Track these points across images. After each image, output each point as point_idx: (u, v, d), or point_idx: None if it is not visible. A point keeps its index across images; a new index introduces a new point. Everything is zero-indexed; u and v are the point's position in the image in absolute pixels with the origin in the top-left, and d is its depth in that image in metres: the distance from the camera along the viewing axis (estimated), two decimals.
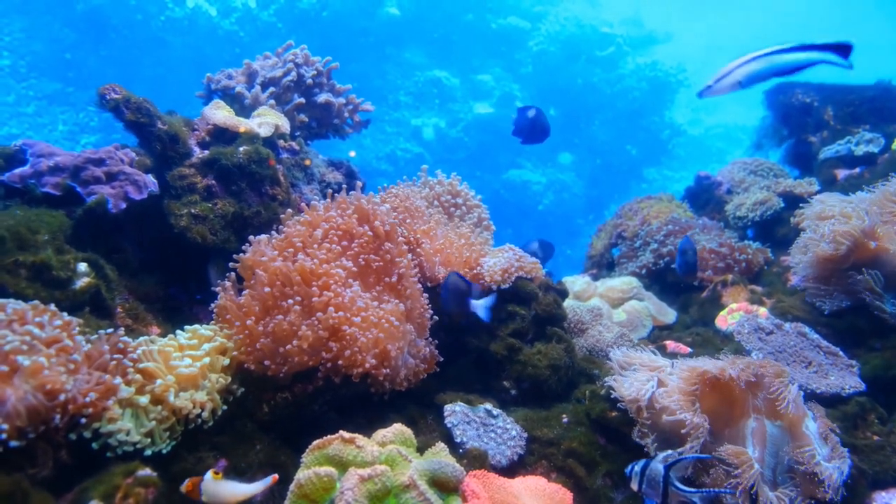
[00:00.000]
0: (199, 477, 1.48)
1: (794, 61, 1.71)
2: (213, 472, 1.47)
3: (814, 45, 1.66)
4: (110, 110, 2.33)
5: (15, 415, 1.33)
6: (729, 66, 1.77)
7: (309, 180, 2.96)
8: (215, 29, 12.81)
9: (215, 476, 1.46)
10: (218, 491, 1.46)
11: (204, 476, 1.47)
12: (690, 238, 2.90)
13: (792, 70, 1.75)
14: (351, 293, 1.92)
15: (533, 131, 2.69)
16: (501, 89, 14.46)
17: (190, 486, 1.47)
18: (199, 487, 1.46)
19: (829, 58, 1.65)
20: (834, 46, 1.62)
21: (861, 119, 3.93)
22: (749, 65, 1.76)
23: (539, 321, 2.40)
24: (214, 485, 1.46)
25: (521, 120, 2.70)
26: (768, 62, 1.74)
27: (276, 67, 3.09)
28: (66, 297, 1.84)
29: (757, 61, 1.75)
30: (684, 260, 2.74)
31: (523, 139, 2.74)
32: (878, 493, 1.86)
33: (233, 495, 1.47)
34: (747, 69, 1.77)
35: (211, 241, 2.31)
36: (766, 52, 1.74)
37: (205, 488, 1.46)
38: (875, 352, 2.41)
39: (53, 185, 2.15)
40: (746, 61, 1.76)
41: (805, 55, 1.69)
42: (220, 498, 1.46)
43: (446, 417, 1.90)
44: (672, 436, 1.77)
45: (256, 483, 1.48)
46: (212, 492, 1.46)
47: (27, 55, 12.06)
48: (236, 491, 1.47)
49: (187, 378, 1.70)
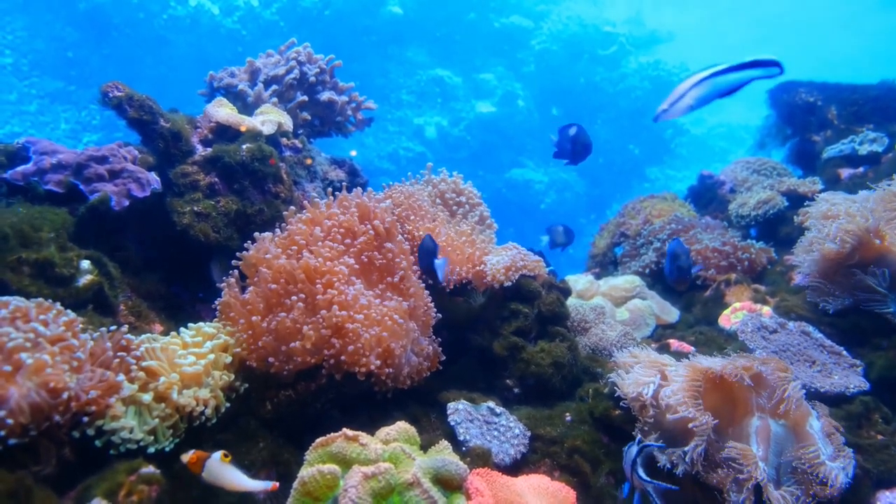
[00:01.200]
0: (207, 453, 1.47)
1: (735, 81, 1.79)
2: (223, 453, 1.46)
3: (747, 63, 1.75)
4: (113, 108, 2.33)
5: (18, 412, 1.33)
6: (678, 91, 1.83)
7: (312, 178, 2.96)
8: (218, 27, 12.82)
9: (224, 459, 1.45)
10: (222, 473, 1.44)
11: (212, 454, 1.46)
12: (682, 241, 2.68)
13: (733, 89, 1.82)
14: (354, 291, 1.92)
15: (575, 150, 2.56)
16: (504, 88, 14.45)
17: (195, 458, 1.45)
18: (204, 463, 1.44)
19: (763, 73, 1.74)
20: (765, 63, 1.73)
21: (865, 118, 3.92)
22: (697, 88, 1.82)
23: (542, 320, 2.39)
24: (220, 466, 1.44)
25: (563, 139, 2.56)
26: (712, 84, 1.81)
27: (278, 65, 3.09)
28: (69, 295, 1.84)
29: (702, 84, 1.81)
30: (676, 265, 2.50)
31: (569, 160, 2.60)
32: (883, 492, 1.86)
33: (232, 483, 1.45)
34: (696, 93, 1.83)
35: (214, 238, 2.31)
36: (709, 75, 1.81)
37: (209, 466, 1.44)
38: (880, 351, 2.40)
39: (56, 183, 2.15)
40: (693, 85, 1.82)
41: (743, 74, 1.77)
42: (220, 481, 1.44)
43: (449, 415, 1.90)
44: (676, 434, 1.77)
45: (258, 482, 1.47)
46: (216, 472, 1.44)
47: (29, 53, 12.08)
48: (237, 481, 1.45)
49: (191, 376, 1.70)
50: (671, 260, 2.51)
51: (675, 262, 2.47)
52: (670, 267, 2.53)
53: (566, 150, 2.53)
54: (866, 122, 3.89)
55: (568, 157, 2.57)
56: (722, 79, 1.79)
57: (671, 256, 2.51)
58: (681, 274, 2.48)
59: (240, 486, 1.46)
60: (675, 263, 2.47)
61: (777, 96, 4.41)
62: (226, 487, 1.46)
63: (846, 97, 4.05)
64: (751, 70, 1.76)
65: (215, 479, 1.45)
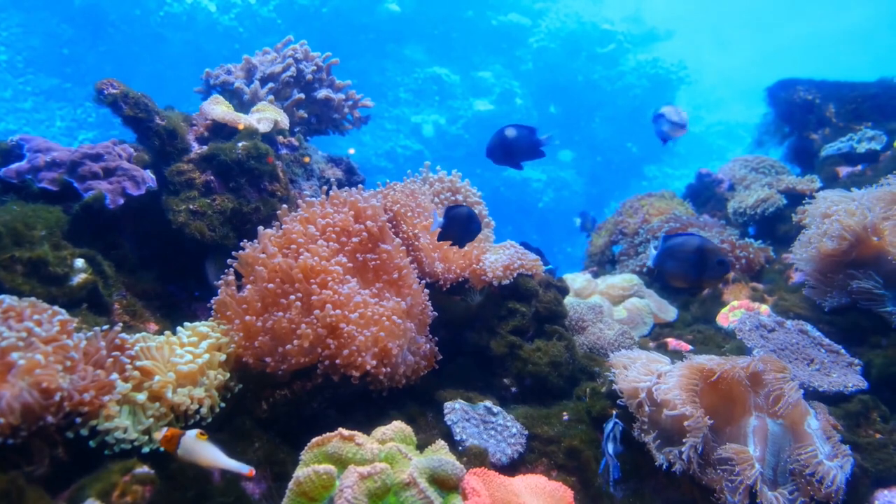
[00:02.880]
0: (181, 430, 1.45)
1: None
2: (199, 431, 1.44)
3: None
4: (108, 105, 2.31)
5: (9, 412, 1.31)
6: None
7: (308, 176, 2.95)
8: (214, 24, 12.79)
9: (200, 436, 1.43)
10: (196, 450, 1.42)
11: (187, 431, 1.44)
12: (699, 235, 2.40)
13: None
14: (348, 289, 1.90)
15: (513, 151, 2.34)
16: (502, 86, 14.45)
17: (169, 434, 1.44)
18: (179, 440, 1.43)
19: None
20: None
21: (863, 116, 3.92)
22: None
23: (540, 318, 2.38)
24: (195, 443, 1.42)
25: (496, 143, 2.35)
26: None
27: (275, 63, 3.07)
28: (62, 294, 1.83)
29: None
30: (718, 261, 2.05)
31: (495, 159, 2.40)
32: (881, 491, 1.85)
33: (207, 460, 1.43)
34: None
35: (209, 237, 2.30)
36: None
37: (184, 443, 1.42)
38: (878, 349, 2.39)
39: (50, 181, 2.13)
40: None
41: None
42: (195, 457, 1.43)
43: (446, 415, 1.89)
44: (673, 433, 1.76)
45: (234, 461, 1.44)
46: (190, 448, 1.42)
47: (24, 50, 12.03)
48: (212, 457, 1.43)
49: (186, 375, 1.69)
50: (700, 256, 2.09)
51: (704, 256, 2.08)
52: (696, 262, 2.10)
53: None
54: (865, 120, 3.89)
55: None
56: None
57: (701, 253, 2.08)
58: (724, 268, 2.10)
59: (215, 463, 1.43)
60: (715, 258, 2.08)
61: (776, 94, 4.41)
62: (201, 464, 1.44)
63: (845, 95, 4.05)
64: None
65: (191, 457, 1.43)
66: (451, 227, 2.11)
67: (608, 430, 1.67)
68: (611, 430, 1.66)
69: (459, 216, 2.10)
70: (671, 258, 2.01)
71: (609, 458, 1.61)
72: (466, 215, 2.12)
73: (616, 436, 1.65)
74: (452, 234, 2.14)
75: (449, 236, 2.15)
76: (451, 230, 2.12)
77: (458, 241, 2.18)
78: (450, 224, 2.11)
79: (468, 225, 2.13)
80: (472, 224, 2.14)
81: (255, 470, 1.66)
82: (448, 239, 2.17)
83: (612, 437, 1.64)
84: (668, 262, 2.02)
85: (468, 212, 2.13)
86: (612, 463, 1.61)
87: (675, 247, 2.01)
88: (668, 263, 2.02)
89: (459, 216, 2.10)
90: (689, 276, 2.01)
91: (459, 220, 2.10)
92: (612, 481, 1.62)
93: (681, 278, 2.05)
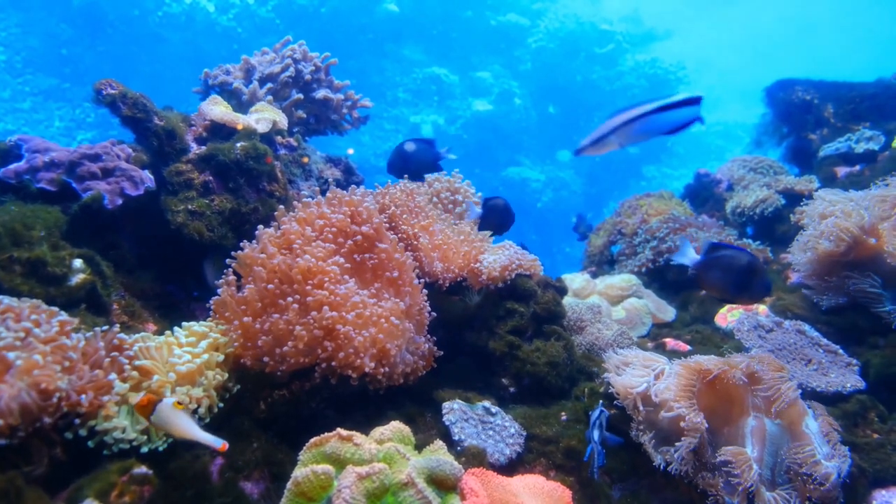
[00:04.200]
0: (158, 396, 1.44)
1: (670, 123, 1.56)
2: (176, 401, 1.43)
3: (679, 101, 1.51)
4: (107, 106, 2.31)
5: (7, 413, 1.31)
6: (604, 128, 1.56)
7: (307, 177, 2.95)
8: (213, 25, 12.78)
9: (177, 406, 1.42)
10: (171, 419, 1.41)
11: (165, 399, 1.43)
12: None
13: (680, 128, 1.60)
14: (345, 289, 1.90)
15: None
16: (500, 86, 14.45)
17: (145, 400, 1.42)
18: (155, 406, 1.41)
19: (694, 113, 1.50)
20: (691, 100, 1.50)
21: (861, 116, 3.92)
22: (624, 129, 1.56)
23: (538, 319, 2.39)
24: (171, 412, 1.41)
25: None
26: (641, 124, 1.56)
27: (273, 63, 3.08)
28: (61, 294, 1.83)
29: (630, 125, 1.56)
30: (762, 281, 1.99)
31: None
32: (879, 491, 1.86)
33: (181, 430, 1.41)
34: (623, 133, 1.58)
35: (208, 237, 2.30)
36: (638, 115, 1.56)
37: (160, 410, 1.41)
38: (876, 349, 2.40)
39: (49, 181, 2.13)
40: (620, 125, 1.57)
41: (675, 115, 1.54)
42: (169, 426, 1.41)
43: (444, 415, 1.89)
44: (670, 433, 1.76)
45: (209, 435, 1.43)
46: (165, 417, 1.41)
47: (23, 51, 12.02)
48: (186, 428, 1.41)
49: (185, 375, 1.69)
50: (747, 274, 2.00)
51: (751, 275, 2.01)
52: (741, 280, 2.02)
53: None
54: (863, 121, 3.90)
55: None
56: (657, 118, 1.54)
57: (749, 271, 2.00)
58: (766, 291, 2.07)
59: (189, 434, 1.41)
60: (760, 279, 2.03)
61: (774, 94, 4.42)
62: (175, 434, 1.43)
63: (843, 95, 4.06)
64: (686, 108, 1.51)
65: (165, 425, 1.41)
66: (489, 216, 2.24)
67: (594, 417, 1.70)
68: (596, 417, 1.69)
69: (497, 207, 2.30)
70: (717, 269, 2.01)
71: (594, 445, 1.64)
72: (503, 206, 2.32)
73: (602, 423, 1.68)
74: (491, 223, 2.26)
75: (488, 225, 2.29)
76: (490, 219, 2.24)
77: (497, 229, 2.34)
78: (488, 214, 2.26)
79: (504, 214, 2.32)
80: (508, 214, 2.34)
81: (254, 470, 1.67)
82: (487, 228, 2.35)
83: (599, 425, 1.67)
84: (713, 271, 2.01)
85: (504, 202, 2.32)
86: (596, 450, 1.64)
87: (723, 258, 2.01)
88: (714, 273, 2.01)
89: (497, 207, 2.30)
90: (729, 290, 2.02)
91: (497, 210, 2.29)
92: (596, 469, 1.65)
93: (720, 290, 2.06)
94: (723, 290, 2.03)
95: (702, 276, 2.04)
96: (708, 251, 2.02)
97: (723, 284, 2.00)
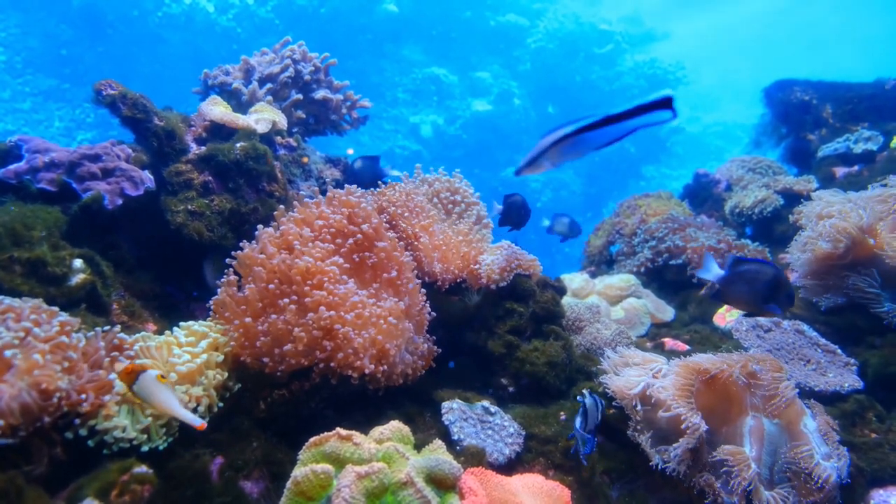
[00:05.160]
0: (143, 366, 1.42)
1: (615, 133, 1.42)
2: (160, 374, 1.42)
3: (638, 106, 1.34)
4: (106, 106, 2.32)
5: (8, 413, 1.32)
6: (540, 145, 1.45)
7: (307, 177, 2.95)
8: (212, 25, 12.78)
9: (160, 378, 1.41)
10: (152, 391, 1.40)
11: (149, 370, 1.42)
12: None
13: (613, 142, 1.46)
14: (345, 289, 1.91)
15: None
16: (500, 87, 14.45)
17: (130, 367, 1.42)
18: (138, 376, 1.40)
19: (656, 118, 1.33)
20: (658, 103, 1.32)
21: (860, 117, 3.93)
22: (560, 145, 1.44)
23: (537, 318, 2.39)
24: (153, 383, 1.40)
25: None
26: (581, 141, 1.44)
27: (273, 64, 3.08)
28: (61, 294, 1.83)
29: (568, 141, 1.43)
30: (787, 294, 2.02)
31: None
32: (876, 490, 1.86)
33: (161, 403, 1.40)
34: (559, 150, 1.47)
35: (207, 237, 2.30)
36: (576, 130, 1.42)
37: (142, 381, 1.40)
38: (874, 349, 2.40)
39: (49, 181, 2.13)
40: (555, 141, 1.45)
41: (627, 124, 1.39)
42: (150, 398, 1.41)
43: (444, 415, 1.90)
44: (669, 433, 1.77)
45: (188, 412, 1.42)
46: (146, 388, 1.40)
47: (23, 51, 12.02)
48: (166, 402, 1.40)
49: (185, 375, 1.69)
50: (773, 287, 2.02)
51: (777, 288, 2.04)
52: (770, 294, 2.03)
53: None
54: (861, 121, 3.91)
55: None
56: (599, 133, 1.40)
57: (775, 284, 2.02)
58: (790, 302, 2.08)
59: (168, 409, 1.41)
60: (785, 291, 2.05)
61: (772, 95, 4.42)
62: (154, 406, 1.42)
63: (841, 96, 4.06)
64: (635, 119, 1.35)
65: (146, 396, 1.41)
66: (509, 212, 2.50)
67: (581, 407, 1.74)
68: (582, 406, 1.73)
69: (516, 203, 2.52)
70: (743, 282, 2.03)
71: (577, 433, 1.69)
72: (521, 202, 2.54)
73: (586, 410, 1.71)
74: (511, 219, 2.52)
75: (508, 221, 2.53)
76: (510, 215, 2.49)
77: (517, 224, 2.55)
78: (508, 209, 2.51)
79: (522, 210, 2.54)
80: (525, 209, 2.57)
81: (253, 470, 1.68)
82: (508, 223, 2.56)
83: (582, 413, 1.71)
84: (739, 285, 2.04)
85: (522, 199, 2.55)
86: (578, 436, 1.69)
87: (748, 273, 2.03)
88: (740, 287, 2.04)
89: (516, 203, 2.52)
90: (756, 303, 2.04)
91: (516, 206, 2.50)
92: (583, 456, 1.73)
93: (747, 304, 2.08)
94: (748, 302, 2.06)
95: (726, 290, 2.07)
96: (732, 265, 2.04)
97: (748, 297, 2.03)
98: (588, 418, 1.71)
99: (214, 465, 1.63)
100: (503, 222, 2.50)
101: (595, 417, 1.73)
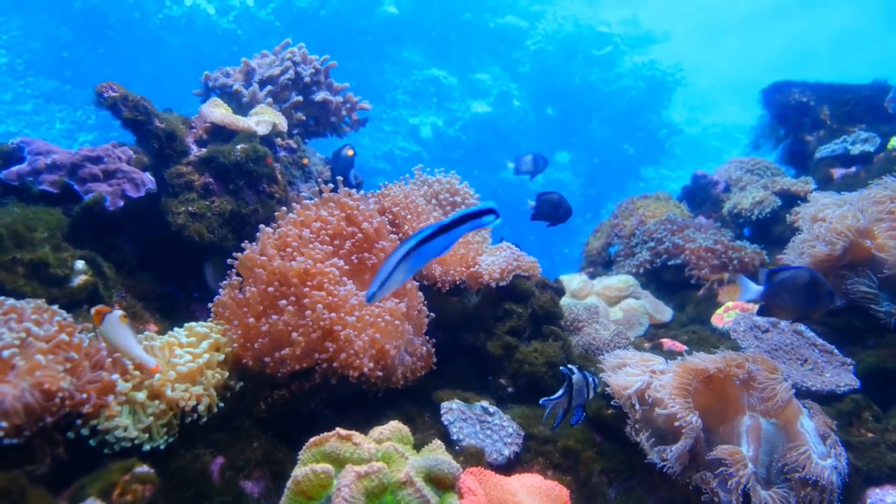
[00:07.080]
0: (111, 308, 1.46)
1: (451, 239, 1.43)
2: (122, 314, 1.45)
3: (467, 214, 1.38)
4: (108, 108, 2.33)
5: (13, 413, 1.33)
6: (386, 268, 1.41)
7: (307, 178, 2.96)
8: (213, 27, 12.79)
9: (123, 319, 1.43)
10: (115, 331, 1.44)
11: (114, 310, 1.45)
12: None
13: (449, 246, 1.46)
14: (345, 291, 1.92)
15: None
16: (499, 88, 14.46)
17: (100, 308, 1.47)
18: (104, 317, 1.44)
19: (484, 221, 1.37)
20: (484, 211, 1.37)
21: (857, 118, 3.95)
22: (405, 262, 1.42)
23: (536, 319, 2.40)
24: (116, 324, 1.43)
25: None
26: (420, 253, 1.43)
27: (273, 66, 3.09)
28: (63, 295, 1.84)
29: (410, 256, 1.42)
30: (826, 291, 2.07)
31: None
32: (873, 489, 1.87)
33: (120, 344, 1.43)
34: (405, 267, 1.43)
35: (208, 238, 2.32)
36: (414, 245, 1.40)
37: (108, 319, 1.43)
38: (871, 349, 2.42)
39: (51, 183, 2.15)
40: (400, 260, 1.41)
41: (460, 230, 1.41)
42: (111, 337, 1.44)
43: (443, 415, 1.91)
44: (667, 432, 1.78)
45: (143, 353, 1.45)
46: (109, 331, 1.43)
47: (24, 53, 12.03)
48: (124, 343, 1.43)
49: (186, 375, 1.71)
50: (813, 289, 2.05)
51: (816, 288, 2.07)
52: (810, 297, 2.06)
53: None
54: (858, 123, 3.92)
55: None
56: (430, 245, 1.40)
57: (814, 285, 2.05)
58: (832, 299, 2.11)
59: (126, 350, 1.44)
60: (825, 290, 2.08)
61: (770, 96, 4.44)
62: (115, 347, 1.45)
63: (839, 97, 4.08)
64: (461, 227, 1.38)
65: (109, 336, 1.44)
66: (542, 207, 2.61)
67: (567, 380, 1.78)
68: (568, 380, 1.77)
69: (550, 200, 2.63)
70: (785, 292, 2.05)
71: (547, 401, 1.76)
72: (557, 199, 2.65)
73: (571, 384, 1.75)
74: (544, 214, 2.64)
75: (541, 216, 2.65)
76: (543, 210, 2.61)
77: (551, 220, 2.65)
78: (541, 206, 2.62)
79: (557, 208, 2.64)
80: (561, 208, 2.65)
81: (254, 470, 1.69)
82: (541, 219, 2.67)
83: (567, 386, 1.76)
84: (782, 295, 2.06)
85: (559, 196, 2.64)
86: (548, 408, 1.78)
87: (786, 281, 2.06)
88: (784, 297, 2.06)
89: (550, 200, 2.63)
90: (803, 309, 2.07)
91: (550, 203, 2.61)
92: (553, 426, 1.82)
93: (794, 311, 2.10)
94: (797, 310, 2.08)
95: (772, 302, 2.09)
96: (768, 278, 2.07)
97: (794, 305, 2.06)
98: (574, 393, 1.74)
99: (215, 465, 1.64)
100: (536, 217, 2.64)
101: (583, 393, 1.76)
